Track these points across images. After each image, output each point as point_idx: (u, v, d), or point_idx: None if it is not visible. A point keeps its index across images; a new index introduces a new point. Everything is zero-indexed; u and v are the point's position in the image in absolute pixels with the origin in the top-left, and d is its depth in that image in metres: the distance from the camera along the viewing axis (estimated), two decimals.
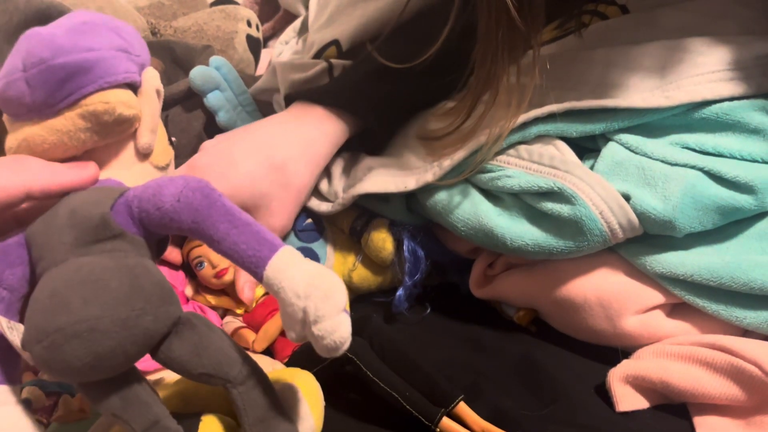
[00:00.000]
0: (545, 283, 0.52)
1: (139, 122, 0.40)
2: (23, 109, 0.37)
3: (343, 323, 0.31)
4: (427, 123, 0.59)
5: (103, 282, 0.31)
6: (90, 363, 0.30)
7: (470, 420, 0.45)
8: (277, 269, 0.32)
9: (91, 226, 0.33)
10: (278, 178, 0.54)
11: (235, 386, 0.33)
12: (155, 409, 0.32)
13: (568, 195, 0.47)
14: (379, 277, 0.62)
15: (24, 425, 0.32)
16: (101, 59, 0.37)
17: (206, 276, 0.57)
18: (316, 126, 0.58)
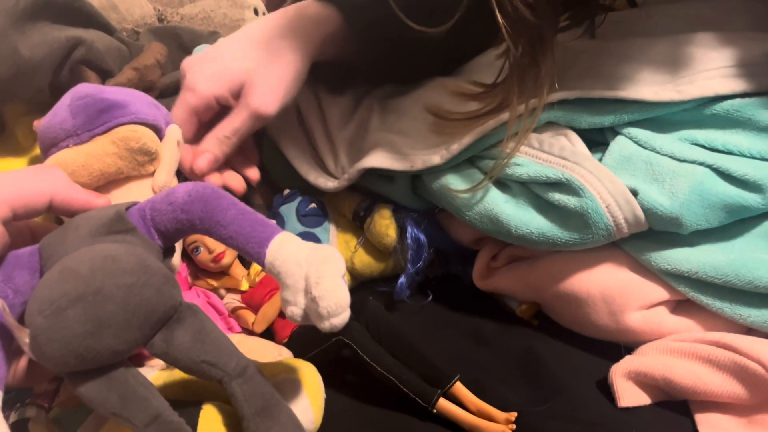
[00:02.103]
0: (549, 277, 0.52)
1: (158, 163, 0.45)
2: (62, 135, 0.43)
3: (343, 287, 0.32)
4: (440, 100, 0.58)
5: (112, 256, 0.32)
6: (90, 331, 0.30)
7: (467, 400, 0.46)
8: (279, 245, 0.34)
9: (105, 221, 0.35)
10: (262, 54, 0.53)
11: (233, 379, 0.33)
12: (155, 403, 0.32)
13: (575, 187, 0.47)
14: (381, 264, 0.63)
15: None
16: (136, 103, 0.45)
17: (204, 260, 0.57)
18: (301, 10, 0.56)
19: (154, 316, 0.32)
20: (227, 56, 0.52)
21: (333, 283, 0.32)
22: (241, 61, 0.51)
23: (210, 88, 0.51)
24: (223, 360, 0.33)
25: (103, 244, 0.33)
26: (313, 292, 0.32)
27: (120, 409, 0.31)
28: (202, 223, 0.35)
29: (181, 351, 0.33)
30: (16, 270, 0.35)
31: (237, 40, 0.54)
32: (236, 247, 0.35)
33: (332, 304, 0.31)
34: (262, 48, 0.53)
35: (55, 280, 0.31)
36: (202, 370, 0.33)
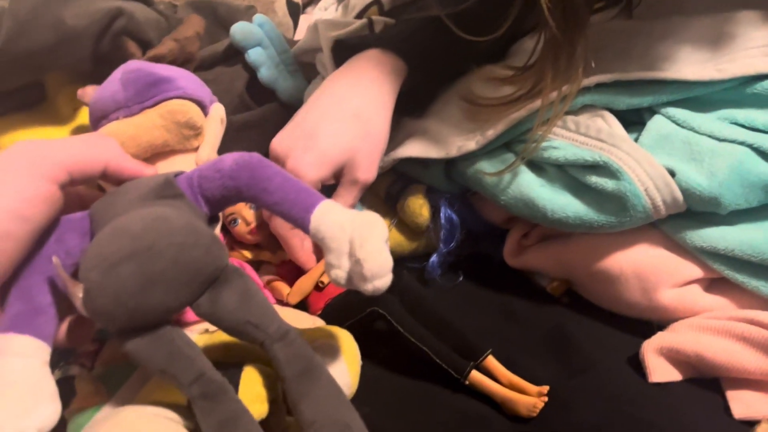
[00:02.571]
0: (581, 254, 0.52)
1: (202, 139, 0.46)
2: (113, 107, 0.44)
3: (386, 251, 0.33)
4: (474, 86, 0.58)
5: (163, 217, 0.33)
6: (142, 286, 0.31)
7: (498, 373, 0.47)
8: (324, 210, 0.34)
9: (154, 186, 0.36)
10: (357, 128, 0.53)
11: (275, 342, 0.34)
12: (199, 362, 0.33)
13: (613, 170, 0.47)
14: (414, 243, 0.63)
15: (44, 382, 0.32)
16: (183, 79, 0.46)
17: (241, 232, 0.58)
18: (376, 68, 0.56)
19: (201, 275, 0.33)
20: (323, 139, 0.51)
21: (377, 245, 0.32)
22: (340, 142, 0.51)
23: (316, 175, 0.51)
24: (266, 322, 0.34)
25: (153, 207, 0.34)
26: (358, 255, 0.32)
27: (166, 366, 0.32)
28: (249, 190, 0.36)
29: (226, 311, 0.34)
30: (67, 233, 0.36)
31: (328, 118, 0.53)
32: (281, 213, 0.35)
33: (376, 266, 0.32)
34: (355, 121, 0.53)
35: (108, 238, 0.32)
36: (246, 331, 0.34)
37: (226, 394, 0.32)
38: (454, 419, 0.45)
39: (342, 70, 0.57)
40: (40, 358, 0.33)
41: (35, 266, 0.34)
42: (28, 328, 0.33)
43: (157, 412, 0.34)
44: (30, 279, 0.34)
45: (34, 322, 0.33)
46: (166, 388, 0.36)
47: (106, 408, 0.38)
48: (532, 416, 0.44)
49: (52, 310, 0.34)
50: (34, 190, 0.32)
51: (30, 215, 0.32)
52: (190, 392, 0.32)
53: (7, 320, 0.33)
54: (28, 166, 0.32)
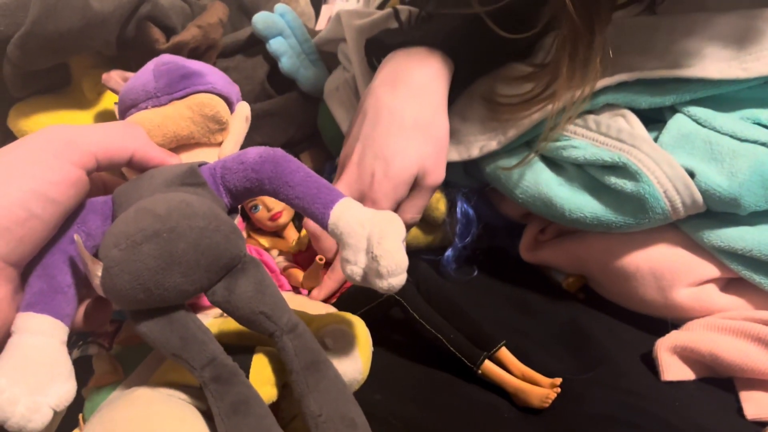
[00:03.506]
0: (597, 251, 0.52)
1: (226, 134, 0.47)
2: (143, 96, 0.45)
3: (403, 250, 0.33)
4: (495, 85, 0.58)
5: (185, 201, 0.33)
6: (162, 266, 0.31)
7: (511, 364, 0.47)
8: (343, 207, 0.34)
9: (179, 173, 0.36)
10: (421, 138, 0.53)
11: (284, 333, 0.34)
12: (211, 347, 0.33)
13: (633, 171, 0.47)
14: (429, 236, 0.63)
15: (61, 360, 0.32)
16: (213, 75, 0.47)
17: (261, 218, 0.59)
18: (423, 69, 0.55)
19: (220, 261, 0.33)
20: (395, 160, 0.51)
21: (394, 244, 0.32)
22: (410, 158, 0.52)
23: (394, 196, 0.52)
24: (277, 314, 0.34)
25: (177, 192, 0.35)
26: (375, 251, 0.32)
27: (179, 350, 0.32)
28: (271, 183, 0.36)
29: (242, 300, 0.34)
30: (89, 215, 0.36)
31: (393, 134, 0.53)
32: (301, 207, 0.36)
33: (392, 263, 0.32)
34: (417, 131, 0.53)
35: (131, 217, 0.32)
36: (258, 321, 0.34)
37: (237, 378, 0.33)
38: (466, 407, 0.45)
39: (390, 76, 0.56)
40: (58, 338, 0.33)
41: (58, 247, 0.34)
42: (47, 308, 0.33)
43: (170, 392, 0.35)
44: (52, 259, 0.34)
45: (53, 302, 0.33)
46: (180, 369, 0.36)
47: (122, 387, 0.39)
48: (544, 407, 0.44)
49: (72, 291, 0.35)
50: (63, 174, 0.33)
51: (58, 198, 0.32)
52: (201, 376, 0.32)
53: (28, 299, 0.33)
54: (57, 151, 0.33)
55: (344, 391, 0.34)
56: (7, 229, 0.30)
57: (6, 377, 0.29)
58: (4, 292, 0.31)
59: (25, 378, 0.30)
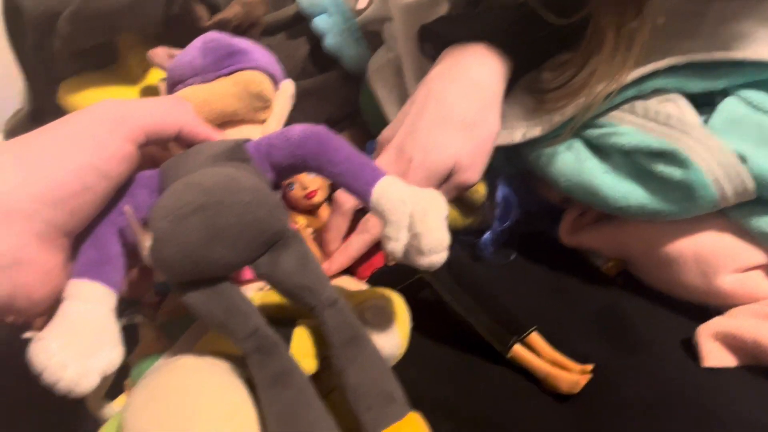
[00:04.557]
0: (638, 236, 0.51)
1: (270, 112, 0.47)
2: (190, 72, 0.46)
3: (445, 228, 0.33)
4: (538, 74, 0.57)
5: (231, 176, 0.34)
6: (207, 238, 0.32)
7: (542, 350, 0.46)
8: (386, 184, 0.35)
9: (225, 149, 0.37)
10: (465, 135, 0.52)
11: (325, 308, 0.34)
12: (254, 319, 0.34)
13: (681, 158, 0.46)
14: (468, 219, 0.63)
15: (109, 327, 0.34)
16: (259, 53, 0.47)
17: (297, 197, 0.59)
18: (482, 66, 0.54)
19: (264, 235, 0.34)
20: (433, 152, 0.52)
21: (436, 221, 0.33)
22: (446, 153, 0.52)
23: (426, 186, 0.50)
24: (318, 289, 0.35)
25: (222, 167, 0.35)
26: (417, 229, 0.33)
27: (223, 320, 0.33)
28: (315, 160, 0.37)
29: (285, 274, 0.34)
30: (137, 188, 0.37)
31: (437, 127, 0.53)
32: (344, 184, 0.36)
33: (434, 240, 0.32)
34: (463, 130, 0.52)
35: (178, 191, 0.33)
36: (300, 295, 0.35)
37: (279, 349, 0.34)
38: (498, 390, 0.45)
39: (447, 69, 0.55)
40: (107, 305, 0.34)
41: (108, 219, 0.36)
42: (97, 276, 0.34)
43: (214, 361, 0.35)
44: (102, 230, 0.35)
45: (103, 270, 0.35)
46: (223, 339, 0.37)
47: (167, 355, 0.40)
48: (573, 393, 0.43)
49: (120, 261, 0.36)
50: (115, 148, 0.34)
51: (110, 172, 0.33)
52: (244, 346, 0.33)
53: (79, 267, 0.34)
54: (110, 125, 0.34)
55: (383, 366, 0.34)
56: (62, 201, 0.31)
57: (57, 341, 0.30)
58: (57, 261, 0.33)
59: (75, 343, 0.31)
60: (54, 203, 0.31)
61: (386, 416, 0.32)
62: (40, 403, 0.44)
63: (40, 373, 0.30)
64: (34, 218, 0.30)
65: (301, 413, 0.32)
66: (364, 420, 0.32)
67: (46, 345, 0.30)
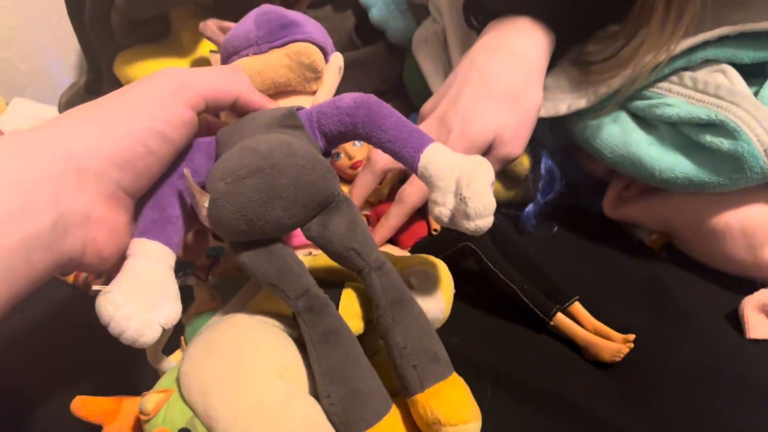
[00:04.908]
0: (684, 208, 0.51)
1: (320, 83, 0.48)
2: (245, 43, 0.47)
3: (491, 193, 0.33)
4: (583, 46, 0.57)
5: (286, 141, 0.35)
6: (264, 199, 0.33)
7: (584, 319, 0.47)
8: (434, 150, 0.35)
9: (278, 116, 0.38)
10: (507, 109, 0.52)
11: (372, 270, 0.35)
12: (305, 279, 0.35)
13: (730, 129, 0.45)
14: (511, 192, 0.63)
15: (169, 283, 0.35)
16: (311, 25, 0.48)
17: (342, 166, 0.60)
18: (527, 39, 0.54)
19: (317, 198, 0.35)
20: (475, 122, 0.52)
21: (483, 186, 0.33)
22: (488, 125, 0.52)
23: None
24: (366, 251, 0.36)
25: (277, 134, 0.37)
26: (464, 193, 0.33)
27: (276, 280, 0.34)
28: (364, 127, 0.37)
29: (335, 236, 0.35)
30: (195, 153, 0.39)
31: (479, 98, 0.53)
32: (392, 151, 0.37)
33: (480, 205, 0.32)
34: (506, 101, 0.52)
35: (236, 154, 0.34)
36: (349, 257, 0.36)
37: (328, 309, 0.35)
38: (538, 357, 0.46)
39: (492, 41, 0.56)
40: (167, 263, 0.36)
41: (169, 181, 0.37)
42: (158, 235, 0.36)
43: (265, 320, 0.37)
44: (163, 192, 0.37)
45: (164, 230, 0.36)
46: (273, 299, 0.39)
47: (220, 313, 0.42)
48: (615, 361, 0.44)
49: (180, 222, 0.37)
50: (177, 114, 0.35)
51: (172, 137, 0.35)
52: (296, 305, 0.34)
53: (141, 227, 0.36)
54: (173, 92, 0.35)
55: (428, 328, 0.35)
56: (128, 163, 0.33)
57: (122, 295, 0.32)
58: (123, 220, 0.34)
59: (139, 297, 0.32)
60: (121, 165, 0.33)
61: (431, 374, 0.33)
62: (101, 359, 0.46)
63: (107, 324, 0.31)
64: (103, 179, 0.32)
65: (350, 369, 0.33)
66: (410, 377, 0.33)
67: (113, 298, 0.31)
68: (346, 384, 0.33)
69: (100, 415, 0.35)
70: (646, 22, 0.48)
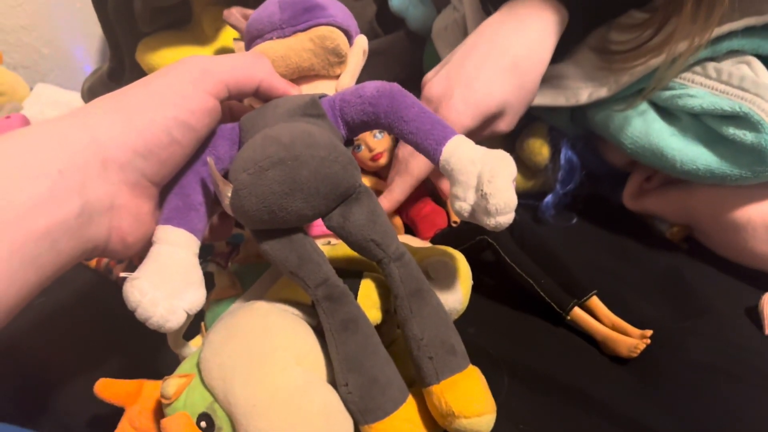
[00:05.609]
0: (706, 201, 0.51)
1: (344, 67, 0.48)
2: (269, 27, 0.46)
3: (513, 189, 0.33)
4: (608, 34, 0.56)
5: (308, 132, 0.35)
6: (286, 191, 0.33)
7: (602, 314, 0.46)
8: (456, 144, 0.35)
9: (301, 104, 0.38)
10: (513, 81, 0.52)
11: (392, 261, 0.36)
12: (325, 268, 0.35)
13: (754, 121, 0.45)
14: (530, 182, 0.63)
15: (194, 270, 0.36)
16: (335, 8, 0.48)
17: (363, 158, 0.60)
18: (539, 16, 0.53)
19: (338, 189, 0.35)
20: (480, 88, 0.51)
21: (505, 182, 0.33)
22: (494, 94, 0.51)
23: (466, 124, 0.51)
24: (387, 242, 0.36)
25: (299, 123, 0.37)
26: (485, 189, 0.33)
27: (297, 268, 0.35)
28: (387, 117, 0.37)
29: (355, 227, 0.36)
30: (219, 140, 0.39)
31: (486, 66, 0.52)
32: (414, 142, 0.37)
33: (501, 202, 0.32)
34: (512, 73, 0.52)
35: (258, 144, 0.34)
36: (369, 248, 0.36)
37: (347, 298, 0.35)
38: (555, 350, 0.46)
39: (502, 16, 0.55)
40: (192, 249, 0.36)
41: (192, 169, 0.38)
42: (183, 222, 0.36)
43: (284, 307, 0.37)
44: (187, 180, 0.38)
45: (188, 217, 0.37)
46: (293, 288, 0.39)
47: (240, 300, 0.42)
48: (632, 357, 0.43)
49: (203, 209, 0.38)
50: (200, 102, 0.35)
51: (195, 125, 0.35)
52: (315, 294, 0.35)
53: (166, 214, 0.36)
54: (194, 81, 0.35)
55: (446, 319, 0.35)
56: (152, 152, 0.33)
57: (149, 281, 0.33)
58: (148, 208, 0.35)
59: (165, 283, 0.33)
60: (145, 154, 0.33)
61: (448, 366, 0.33)
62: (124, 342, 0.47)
63: (134, 309, 0.32)
64: (127, 167, 0.33)
65: (368, 357, 0.33)
66: (426, 368, 0.34)
67: (140, 284, 0.32)
68: (363, 372, 0.33)
69: (122, 397, 0.35)
70: (677, 12, 0.47)
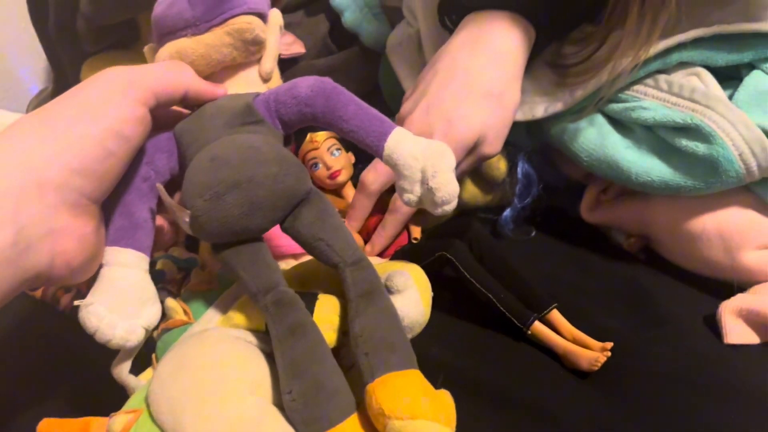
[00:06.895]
0: (661, 212, 0.51)
1: (264, 50, 0.46)
2: (181, 24, 0.44)
3: (454, 180, 0.35)
4: (560, 48, 0.57)
5: (255, 147, 0.35)
6: (245, 212, 0.34)
7: (563, 327, 0.46)
8: (397, 140, 0.36)
9: (237, 112, 0.38)
10: (490, 108, 0.51)
11: (347, 266, 0.36)
12: (276, 275, 0.35)
13: (705, 133, 0.45)
14: (488, 196, 0.63)
15: (147, 287, 0.37)
16: None
17: (321, 176, 0.59)
18: (506, 36, 0.53)
19: (294, 199, 0.36)
20: (459, 123, 0.50)
21: (447, 176, 0.35)
22: (473, 125, 0.50)
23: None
24: (340, 245, 0.36)
25: (241, 135, 0.37)
26: (430, 184, 0.35)
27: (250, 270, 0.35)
28: (324, 117, 0.38)
29: (303, 226, 0.36)
30: (156, 153, 0.39)
31: (462, 99, 0.51)
32: (356, 139, 0.37)
33: (446, 194, 0.34)
34: (488, 100, 0.51)
35: (207, 168, 0.34)
36: (320, 248, 0.36)
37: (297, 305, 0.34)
38: (517, 365, 0.46)
39: (470, 36, 0.54)
40: (142, 267, 0.37)
41: (133, 186, 0.37)
42: (130, 242, 0.36)
43: (237, 334, 0.36)
44: (129, 198, 0.37)
45: (135, 236, 0.37)
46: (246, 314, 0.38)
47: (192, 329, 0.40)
48: (593, 370, 0.43)
49: (149, 225, 0.38)
50: (131, 111, 0.34)
51: (129, 134, 0.34)
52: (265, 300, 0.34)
53: (112, 235, 0.36)
54: (122, 90, 0.34)
55: (392, 321, 0.34)
56: (88, 168, 0.32)
57: (104, 305, 0.34)
58: (90, 227, 0.34)
59: (120, 305, 0.34)
60: (81, 172, 0.32)
61: (385, 363, 0.31)
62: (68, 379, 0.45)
63: (92, 334, 0.33)
64: (64, 188, 0.31)
65: (315, 364, 0.32)
66: (362, 367, 0.32)
67: (95, 309, 0.33)
68: (309, 377, 0.31)
69: None
70: (620, 25, 0.48)
